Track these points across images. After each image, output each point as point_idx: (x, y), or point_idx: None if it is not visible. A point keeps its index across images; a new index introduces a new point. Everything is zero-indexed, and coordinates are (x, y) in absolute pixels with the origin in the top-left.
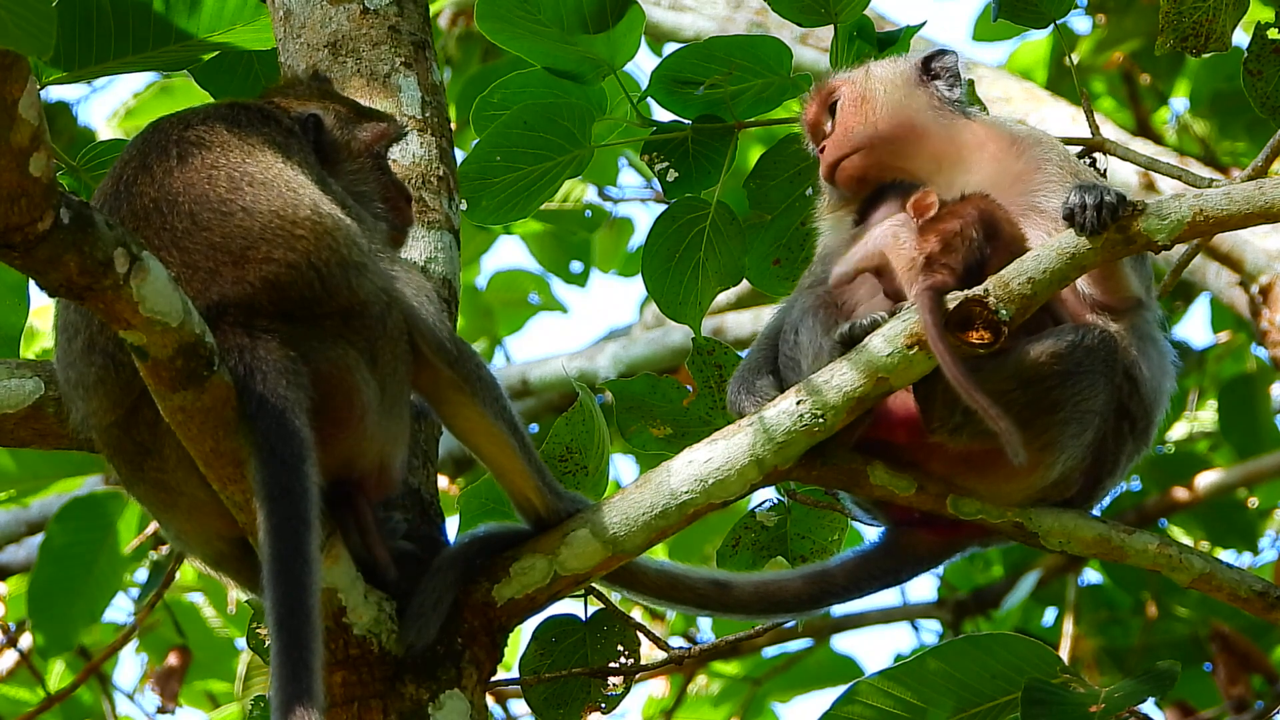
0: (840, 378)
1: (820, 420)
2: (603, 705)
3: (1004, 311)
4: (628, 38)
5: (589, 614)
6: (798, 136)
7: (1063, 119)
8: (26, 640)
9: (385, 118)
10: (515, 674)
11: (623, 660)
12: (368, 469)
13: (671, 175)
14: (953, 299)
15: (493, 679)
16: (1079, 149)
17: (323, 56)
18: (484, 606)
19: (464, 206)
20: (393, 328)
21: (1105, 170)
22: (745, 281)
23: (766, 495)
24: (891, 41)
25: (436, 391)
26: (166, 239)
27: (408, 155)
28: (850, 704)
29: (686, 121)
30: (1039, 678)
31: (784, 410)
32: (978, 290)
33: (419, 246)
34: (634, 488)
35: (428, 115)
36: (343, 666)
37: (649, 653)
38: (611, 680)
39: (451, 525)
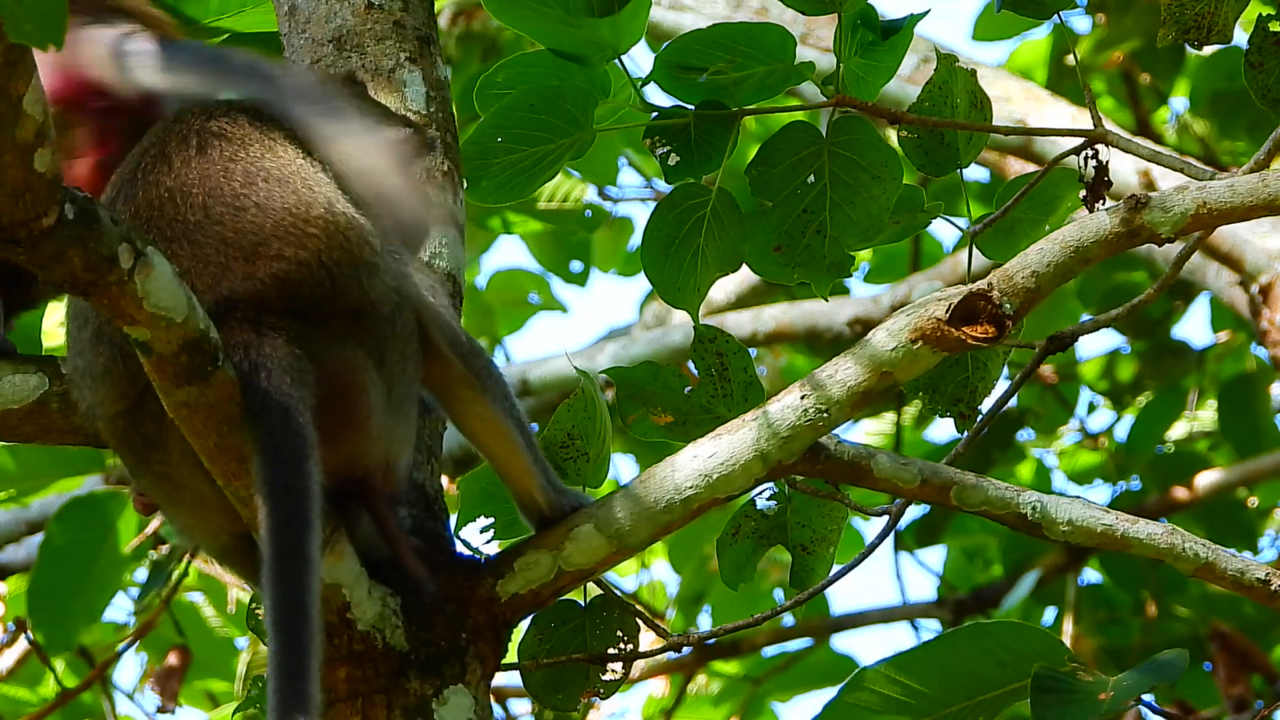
0: (844, 372)
1: (824, 415)
2: (600, 691)
3: (1008, 305)
4: (633, 22)
5: (588, 600)
6: (800, 124)
7: (1063, 118)
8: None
9: (414, 125)
10: (514, 661)
11: (622, 646)
12: (373, 468)
13: (673, 160)
14: (957, 293)
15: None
16: (1082, 141)
17: (327, 52)
18: (488, 602)
19: (464, 186)
20: (403, 328)
21: (1108, 162)
22: (745, 281)
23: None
24: (895, 29)
25: (447, 387)
26: (179, 230)
27: None
28: (857, 691)
29: (689, 107)
30: (1047, 666)
31: (788, 405)
32: (981, 284)
33: None
34: (638, 483)
35: (432, 110)
36: (347, 662)
37: (650, 646)
38: (610, 666)
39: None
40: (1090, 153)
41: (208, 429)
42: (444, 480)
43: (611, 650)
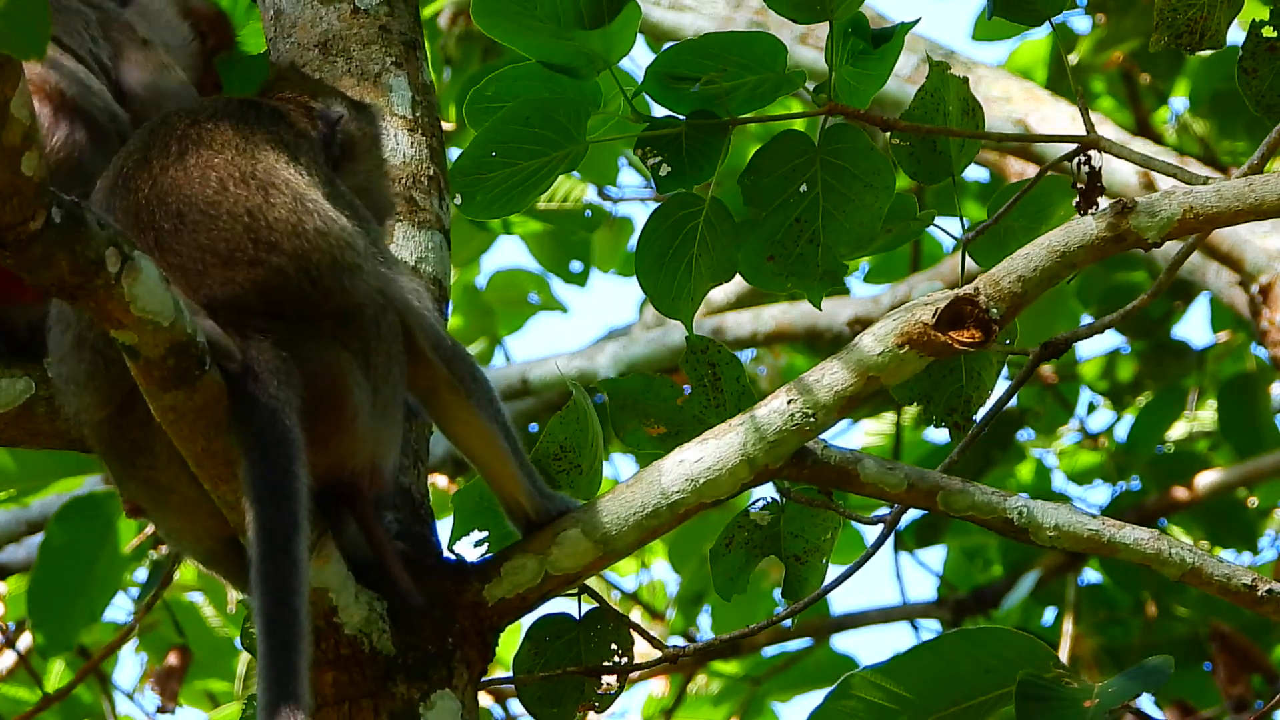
0: (831, 377)
1: (811, 419)
2: (596, 704)
3: (994, 310)
4: (623, 33)
5: (583, 613)
6: (792, 132)
7: (1063, 119)
8: (26, 640)
9: (356, 103)
10: (509, 673)
11: (616, 659)
12: (359, 471)
13: (665, 170)
14: (943, 298)
15: (487, 678)
16: (1074, 147)
17: (313, 56)
18: (475, 606)
19: (459, 201)
20: (387, 330)
21: (1100, 168)
22: (744, 281)
23: (760, 493)
24: (887, 38)
25: (432, 391)
26: (156, 237)
27: (398, 155)
28: (844, 698)
29: (681, 117)
30: (1032, 672)
31: (775, 409)
32: (968, 289)
33: (410, 246)
34: (625, 487)
35: (418, 115)
36: (333, 666)
37: (646, 651)
38: (605, 679)
39: (446, 524)
40: (1083, 159)
41: (195, 433)
42: (443, 480)
43: (606, 663)
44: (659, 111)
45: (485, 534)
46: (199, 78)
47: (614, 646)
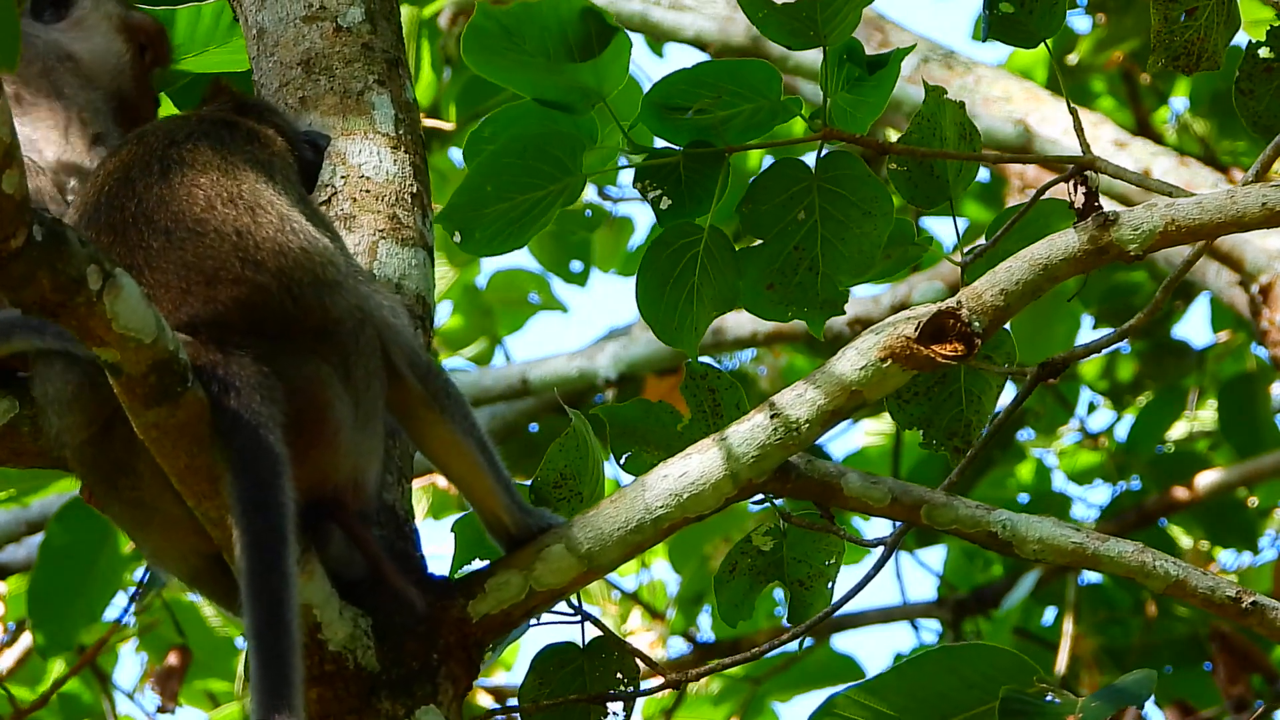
0: (814, 391)
1: (794, 434)
2: None
3: (977, 323)
4: (614, 65)
5: (587, 641)
6: (790, 160)
7: (1064, 119)
8: (27, 640)
9: (298, 132)
10: (514, 705)
11: (622, 687)
12: (342, 484)
13: (665, 203)
14: (926, 312)
15: (496, 707)
16: (1071, 168)
17: (296, 74)
18: (459, 623)
19: (457, 238)
20: (365, 344)
21: (1097, 186)
22: None
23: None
24: (881, 64)
25: (408, 408)
26: (142, 256)
27: (381, 173)
28: (828, 717)
29: (677, 148)
30: (1015, 687)
31: (758, 424)
32: (950, 302)
33: (393, 264)
34: (609, 503)
35: (401, 133)
36: (318, 683)
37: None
38: (611, 707)
39: (448, 523)
40: (1078, 179)
41: (178, 450)
42: (443, 481)
43: (611, 691)
44: (657, 143)
45: (487, 564)
46: (134, 94)
47: (619, 675)
